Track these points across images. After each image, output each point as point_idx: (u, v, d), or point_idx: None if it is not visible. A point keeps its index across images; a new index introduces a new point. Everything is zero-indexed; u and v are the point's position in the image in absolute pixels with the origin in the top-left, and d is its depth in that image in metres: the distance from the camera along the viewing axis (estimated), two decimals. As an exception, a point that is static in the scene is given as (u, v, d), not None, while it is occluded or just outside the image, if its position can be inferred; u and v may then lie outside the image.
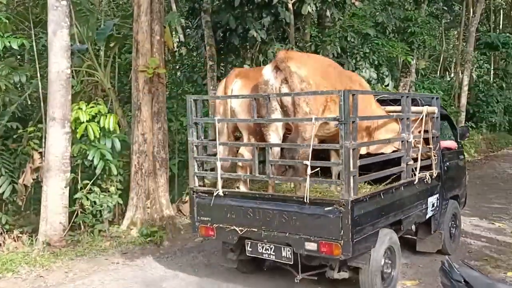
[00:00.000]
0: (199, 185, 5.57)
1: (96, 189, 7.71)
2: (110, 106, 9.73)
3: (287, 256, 5.02)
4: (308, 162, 4.63)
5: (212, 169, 5.54)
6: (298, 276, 5.18)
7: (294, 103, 4.78)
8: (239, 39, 11.73)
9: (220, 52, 12.19)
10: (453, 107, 19.57)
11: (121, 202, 8.12)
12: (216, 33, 11.65)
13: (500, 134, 22.97)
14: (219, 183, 5.27)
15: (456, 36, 27.29)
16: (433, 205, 6.20)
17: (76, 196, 7.60)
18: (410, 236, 6.58)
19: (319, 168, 4.97)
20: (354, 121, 4.61)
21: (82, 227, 7.70)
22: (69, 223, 7.49)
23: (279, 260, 5.16)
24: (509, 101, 24.53)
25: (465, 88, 20.62)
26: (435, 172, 6.09)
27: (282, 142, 5.17)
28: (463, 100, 20.43)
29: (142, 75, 8.40)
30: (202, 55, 12.25)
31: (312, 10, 11.32)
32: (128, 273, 6.42)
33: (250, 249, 5.30)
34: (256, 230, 5.05)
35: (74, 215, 7.60)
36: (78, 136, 7.53)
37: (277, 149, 5.16)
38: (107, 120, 7.68)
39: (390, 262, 5.32)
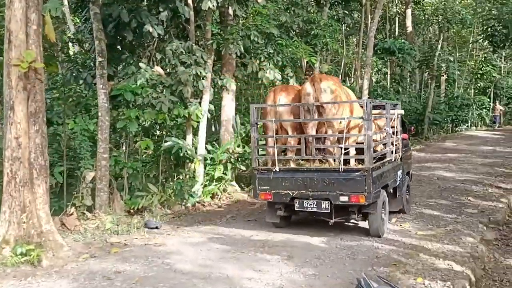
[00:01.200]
0: (259, 166, 8.02)
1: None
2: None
3: (326, 207, 7.51)
4: (342, 146, 7.46)
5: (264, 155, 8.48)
6: (332, 220, 7.68)
7: (328, 109, 7.63)
8: (133, 34, 10.79)
9: (113, 48, 11.15)
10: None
11: (-11, 217, 6.86)
12: (107, 27, 10.58)
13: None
14: (276, 163, 7.77)
15: (356, 43, 28.26)
16: (399, 177, 8.97)
17: None
18: None
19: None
20: (370, 119, 7.33)
21: None
22: None
23: (320, 211, 7.59)
24: (405, 104, 25.67)
25: (365, 92, 21.17)
26: (400, 155, 8.99)
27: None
28: (364, 103, 20.92)
29: (15, 69, 7.20)
30: (92, 51, 11.09)
31: (213, 6, 10.68)
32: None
33: (298, 206, 7.72)
34: (304, 192, 7.57)
35: None
36: None
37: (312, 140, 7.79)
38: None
39: (383, 210, 7.93)
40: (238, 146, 12.27)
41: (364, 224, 8.03)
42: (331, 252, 6.79)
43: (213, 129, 14.11)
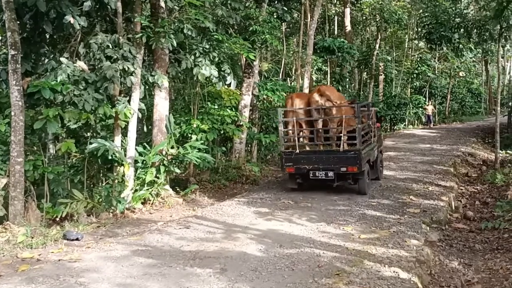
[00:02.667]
0: (285, 148, 11.41)
1: None
2: None
3: (331, 175, 10.78)
4: (343, 135, 11.03)
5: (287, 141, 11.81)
6: (335, 184, 10.99)
7: (330, 110, 11.27)
8: (52, 26, 9.74)
9: (31, 41, 10.06)
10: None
11: None
12: (23, 18, 9.49)
13: (338, 135, 23.77)
14: (297, 147, 11.11)
15: (296, 43, 28.03)
16: (375, 153, 12.34)
17: None
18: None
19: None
20: (360, 117, 10.88)
21: None
22: None
23: (327, 178, 10.90)
24: (345, 103, 25.71)
25: (306, 91, 20.88)
26: (376, 138, 12.70)
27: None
28: (304, 103, 20.66)
29: None
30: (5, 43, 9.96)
31: (142, -5, 9.82)
32: None
33: (312, 175, 11.01)
34: (316, 166, 10.93)
35: None
36: None
37: (319, 131, 11.41)
38: None
39: (368, 177, 11.23)
40: (172, 147, 11.43)
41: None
42: (269, 262, 6.16)
43: (145, 129, 13.18)
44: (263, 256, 6.46)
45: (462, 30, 18.41)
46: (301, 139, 11.64)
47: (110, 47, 10.16)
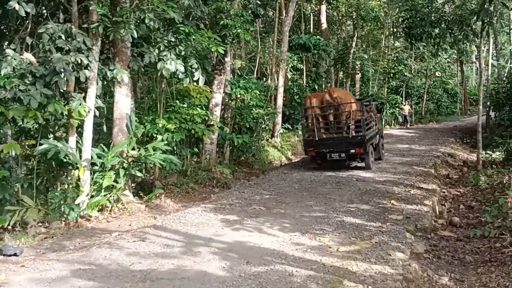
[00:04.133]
0: (307, 137, 14.54)
1: None
2: None
3: (343, 156, 13.90)
4: (351, 125, 14.04)
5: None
6: (346, 162, 14.25)
7: (340, 106, 14.14)
8: (-5, 13, 8.69)
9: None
10: (269, 108, 18.70)
11: None
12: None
13: (315, 135, 23.06)
14: (316, 135, 14.06)
15: (271, 42, 27.23)
16: (378, 138, 15.48)
17: None
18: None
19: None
20: (363, 110, 14.11)
21: None
22: None
23: (340, 158, 13.98)
24: (322, 103, 24.99)
25: (281, 90, 20.12)
26: (378, 126, 15.81)
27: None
28: (279, 102, 19.92)
29: None
30: None
31: (98, -19, 8.82)
32: None
33: (328, 157, 14.06)
34: (331, 149, 13.98)
35: None
36: None
37: (333, 122, 14.51)
38: None
39: (371, 156, 14.49)
40: (133, 149, 10.40)
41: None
42: (232, 285, 5.25)
43: (104, 129, 12.12)
44: (226, 276, 5.53)
45: (443, 24, 17.81)
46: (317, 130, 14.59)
47: (63, 37, 9.16)
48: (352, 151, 13.82)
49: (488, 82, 22.01)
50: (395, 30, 29.87)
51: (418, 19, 17.99)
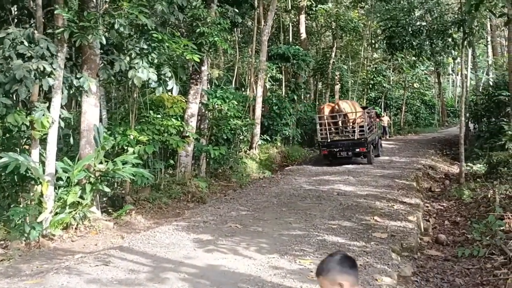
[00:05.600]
0: (321, 139, 18.21)
1: None
2: None
3: (350, 154, 17.88)
4: (356, 129, 18.04)
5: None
6: (352, 158, 18.29)
7: (347, 115, 18.44)
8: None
9: None
10: (248, 119, 18.20)
11: None
12: None
13: (294, 147, 22.70)
14: (328, 137, 17.95)
15: (250, 52, 26.86)
16: (377, 139, 20.10)
17: None
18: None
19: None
20: (365, 118, 18.47)
21: None
22: None
23: (347, 156, 17.89)
24: (301, 113, 24.64)
25: (259, 100, 19.70)
26: (377, 129, 20.65)
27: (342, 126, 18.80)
28: (258, 112, 19.49)
29: None
30: None
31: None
32: None
33: (339, 154, 17.88)
34: (341, 148, 17.86)
35: None
36: None
37: (341, 127, 18.72)
38: None
39: (372, 153, 18.52)
40: (100, 162, 9.74)
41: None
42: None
43: (71, 141, 11.44)
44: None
45: (423, 35, 17.69)
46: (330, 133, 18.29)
47: (25, 43, 8.52)
48: (357, 150, 17.60)
49: (466, 93, 21.96)
50: (373, 41, 29.83)
51: (399, 28, 17.84)
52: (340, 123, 18.34)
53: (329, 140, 17.80)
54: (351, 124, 18.28)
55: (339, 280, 2.54)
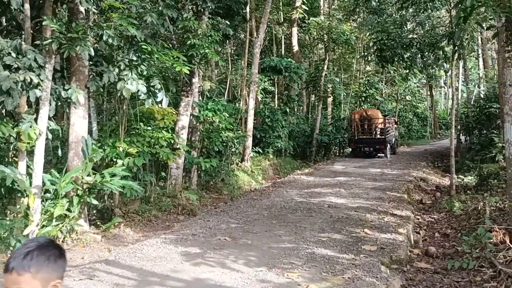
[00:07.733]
0: (350, 137, 26.20)
1: None
2: None
3: (371, 150, 25.35)
4: (378, 131, 25.87)
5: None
6: (373, 153, 25.35)
7: (372, 119, 25.93)
8: None
9: None
10: (240, 131, 18.15)
11: None
12: None
13: (286, 159, 22.66)
14: (356, 136, 25.46)
15: (243, 65, 26.95)
16: (394, 141, 27.50)
17: None
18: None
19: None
20: (385, 122, 26.07)
21: None
22: None
23: (369, 151, 25.31)
24: (293, 126, 24.65)
25: (251, 112, 19.67)
26: (394, 132, 27.47)
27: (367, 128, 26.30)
28: (250, 124, 19.44)
29: None
30: None
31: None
32: None
33: (364, 150, 25.45)
34: (365, 145, 25.49)
35: None
36: None
37: (366, 128, 26.16)
38: None
39: (389, 150, 25.67)
40: (88, 174, 9.63)
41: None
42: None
43: (59, 153, 11.34)
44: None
45: (414, 48, 17.79)
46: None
47: (13, 54, 8.46)
48: (377, 146, 24.47)
49: (458, 106, 22.11)
50: (365, 53, 30.04)
51: (390, 40, 17.95)
52: (366, 125, 25.06)
53: (356, 138, 24.90)
54: (373, 126, 25.06)
55: (54, 281, 1.93)
